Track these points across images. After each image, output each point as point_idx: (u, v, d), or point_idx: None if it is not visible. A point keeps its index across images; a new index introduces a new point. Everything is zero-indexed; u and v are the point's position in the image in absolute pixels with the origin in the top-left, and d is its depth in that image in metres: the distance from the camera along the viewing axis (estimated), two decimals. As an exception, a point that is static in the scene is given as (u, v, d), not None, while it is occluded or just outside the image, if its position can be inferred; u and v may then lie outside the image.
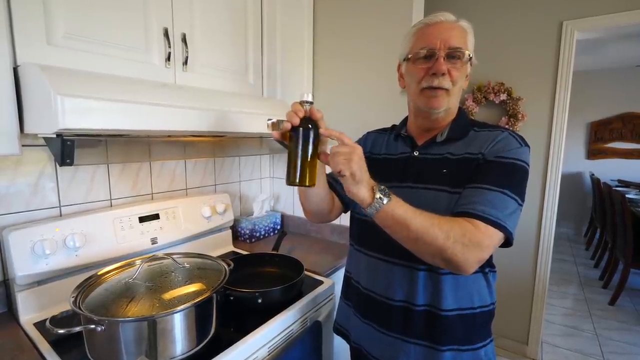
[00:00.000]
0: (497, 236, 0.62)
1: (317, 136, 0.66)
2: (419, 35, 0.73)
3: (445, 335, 0.70)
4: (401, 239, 0.64)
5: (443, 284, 0.70)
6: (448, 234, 0.59)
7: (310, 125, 0.65)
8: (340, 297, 0.94)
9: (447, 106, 0.73)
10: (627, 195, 2.94)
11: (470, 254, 0.59)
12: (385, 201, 0.61)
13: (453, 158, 0.72)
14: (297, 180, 0.66)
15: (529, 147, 0.69)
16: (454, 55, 0.69)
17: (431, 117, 0.76)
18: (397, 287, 0.74)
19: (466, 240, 0.59)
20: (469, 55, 0.71)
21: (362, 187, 0.62)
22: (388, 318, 0.75)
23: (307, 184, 0.67)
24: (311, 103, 0.67)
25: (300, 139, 0.65)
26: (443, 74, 0.69)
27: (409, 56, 0.74)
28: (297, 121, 0.65)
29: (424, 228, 0.59)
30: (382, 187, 0.63)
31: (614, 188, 3.26)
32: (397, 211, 0.61)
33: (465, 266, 0.60)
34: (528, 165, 0.68)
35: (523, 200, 0.66)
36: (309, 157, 0.66)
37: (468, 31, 0.72)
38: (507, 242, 0.64)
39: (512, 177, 0.66)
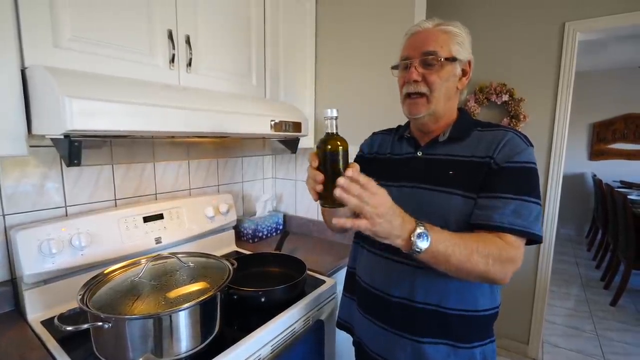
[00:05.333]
0: (524, 243, 0.67)
1: (347, 153, 0.62)
2: (403, 45, 0.78)
3: (446, 331, 0.71)
4: (443, 270, 0.63)
5: (446, 283, 0.70)
6: (487, 259, 0.61)
7: (339, 143, 0.62)
8: (343, 292, 0.95)
9: (429, 111, 0.74)
10: (629, 197, 2.93)
11: (507, 269, 0.64)
12: (424, 247, 0.58)
13: (459, 160, 0.72)
14: (335, 202, 0.62)
15: (532, 146, 0.71)
16: (427, 62, 0.72)
17: (416, 122, 0.79)
18: (396, 284, 0.75)
19: (503, 258, 0.63)
20: (444, 58, 0.71)
21: (396, 240, 0.59)
22: (387, 314, 0.77)
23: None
24: (336, 118, 0.64)
25: (331, 160, 0.62)
26: (415, 81, 0.73)
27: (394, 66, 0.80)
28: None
29: (464, 258, 0.61)
30: (420, 230, 0.58)
31: (616, 189, 3.25)
32: (438, 249, 0.60)
33: (504, 280, 0.65)
34: (536, 165, 0.70)
35: (540, 199, 0.68)
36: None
37: (451, 34, 0.73)
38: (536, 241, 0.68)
39: (528, 182, 0.68)
